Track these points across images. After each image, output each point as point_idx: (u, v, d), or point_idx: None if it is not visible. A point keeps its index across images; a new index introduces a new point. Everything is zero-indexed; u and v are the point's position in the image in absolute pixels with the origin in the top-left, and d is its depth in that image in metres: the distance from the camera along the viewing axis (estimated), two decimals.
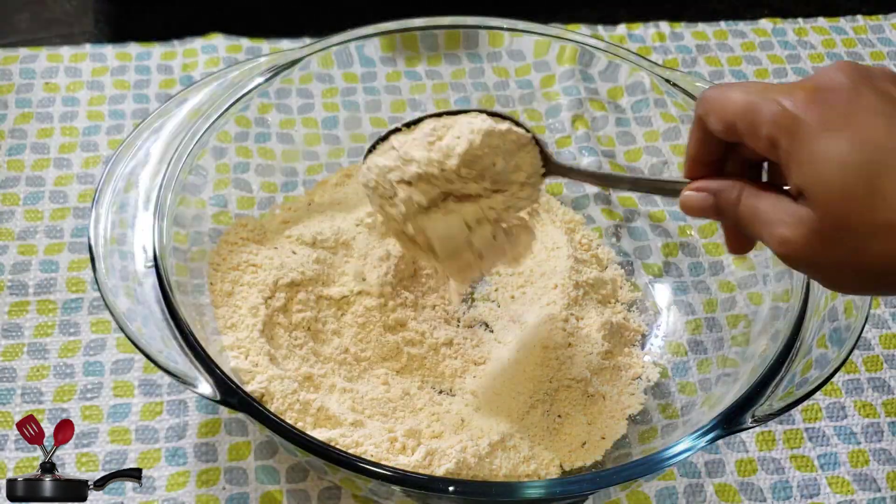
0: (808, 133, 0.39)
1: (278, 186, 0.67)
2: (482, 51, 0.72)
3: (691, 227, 0.68)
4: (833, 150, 0.38)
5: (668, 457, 0.48)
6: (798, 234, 0.40)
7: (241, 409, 0.48)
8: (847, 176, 0.38)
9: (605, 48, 0.68)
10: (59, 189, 0.69)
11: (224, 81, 0.62)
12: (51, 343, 0.60)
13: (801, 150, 0.39)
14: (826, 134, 0.38)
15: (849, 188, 0.38)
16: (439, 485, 0.46)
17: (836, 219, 0.38)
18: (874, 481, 0.57)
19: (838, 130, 0.38)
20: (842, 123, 0.38)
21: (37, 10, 0.86)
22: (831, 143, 0.38)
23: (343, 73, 0.73)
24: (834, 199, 0.38)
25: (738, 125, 0.42)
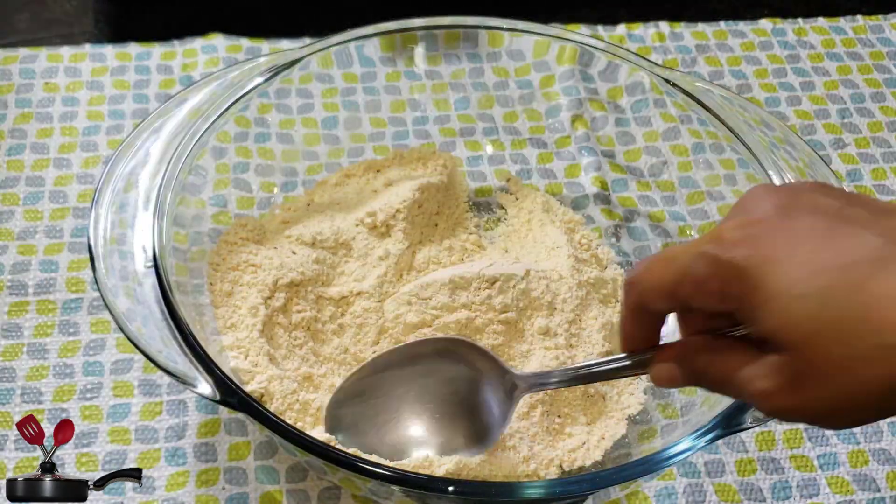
0: (753, 274, 0.35)
1: (278, 186, 0.67)
2: (482, 51, 0.72)
3: (691, 227, 0.68)
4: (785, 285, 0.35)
5: (668, 457, 0.48)
6: (777, 384, 0.36)
7: (240, 409, 0.48)
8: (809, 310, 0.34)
9: (604, 48, 0.68)
10: (58, 189, 0.69)
11: (224, 81, 0.62)
12: (50, 343, 0.60)
13: (753, 295, 0.35)
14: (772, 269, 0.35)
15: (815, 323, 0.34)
16: (439, 485, 0.46)
17: (812, 357, 0.34)
18: (874, 481, 0.57)
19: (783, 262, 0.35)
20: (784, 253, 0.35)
21: (37, 10, 0.86)
22: (781, 278, 0.35)
23: (343, 73, 0.73)
24: (802, 338, 0.34)
25: (679, 295, 0.39)
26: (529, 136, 0.74)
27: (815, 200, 0.37)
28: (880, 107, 0.80)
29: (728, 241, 0.36)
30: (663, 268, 0.39)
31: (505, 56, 0.74)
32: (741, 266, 0.36)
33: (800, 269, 0.34)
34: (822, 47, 0.85)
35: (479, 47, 0.71)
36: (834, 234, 0.35)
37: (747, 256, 0.36)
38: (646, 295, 0.40)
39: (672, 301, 0.40)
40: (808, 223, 0.36)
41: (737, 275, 0.36)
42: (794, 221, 0.36)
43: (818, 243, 0.35)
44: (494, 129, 0.74)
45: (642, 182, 0.71)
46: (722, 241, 0.37)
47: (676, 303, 0.40)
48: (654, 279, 0.40)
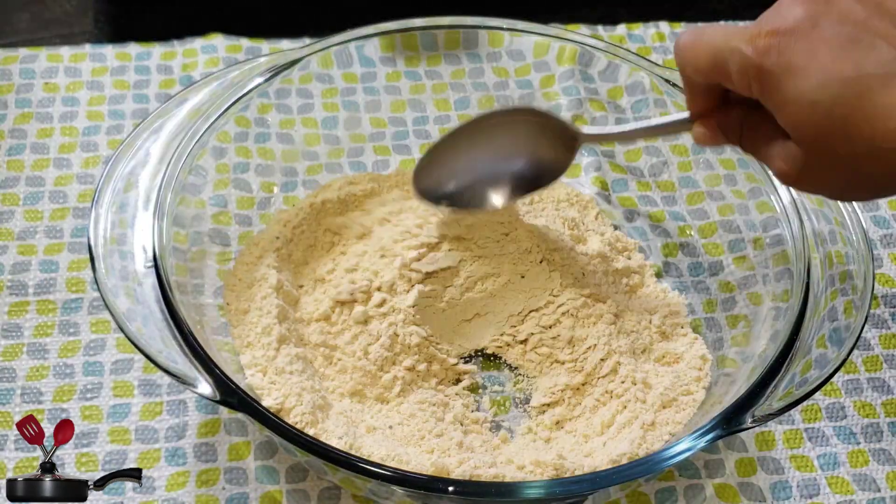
0: (775, 79, 0.40)
1: (278, 186, 0.67)
2: (482, 51, 0.72)
3: (691, 227, 0.68)
4: (800, 92, 0.40)
5: (668, 457, 0.48)
6: (792, 167, 0.42)
7: (240, 409, 0.48)
8: (818, 115, 0.39)
9: (604, 48, 0.68)
10: (58, 189, 0.69)
11: (224, 81, 0.62)
12: (50, 343, 0.60)
13: (773, 96, 0.41)
14: (791, 77, 0.40)
15: (823, 126, 0.39)
16: (439, 485, 0.46)
17: (820, 153, 0.41)
18: (874, 481, 0.57)
19: (802, 71, 0.39)
20: (804, 62, 0.40)
21: (37, 10, 0.86)
22: (798, 85, 0.40)
23: (343, 73, 0.73)
24: (811, 137, 0.40)
25: (711, 75, 0.44)
26: None
27: (845, 9, 0.40)
28: None
29: (759, 47, 0.41)
30: (701, 49, 0.44)
31: (505, 56, 0.74)
32: (766, 70, 0.41)
33: (815, 78, 0.39)
34: None
35: (479, 47, 0.71)
36: (853, 46, 0.39)
37: (773, 63, 0.40)
38: (685, 67, 0.46)
39: (707, 78, 0.45)
40: (832, 33, 0.40)
41: (761, 77, 0.41)
42: (820, 30, 0.40)
43: (836, 54, 0.39)
44: None
45: (642, 182, 0.71)
46: (754, 45, 0.41)
47: (709, 81, 0.45)
48: (692, 57, 0.45)
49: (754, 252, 0.62)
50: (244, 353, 0.56)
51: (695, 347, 0.60)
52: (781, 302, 0.56)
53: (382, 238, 0.62)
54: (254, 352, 0.56)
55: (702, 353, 0.60)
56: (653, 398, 0.56)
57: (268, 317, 0.57)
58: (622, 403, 0.56)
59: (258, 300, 0.58)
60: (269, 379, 0.54)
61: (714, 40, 0.43)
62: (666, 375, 0.58)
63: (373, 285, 0.59)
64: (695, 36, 0.44)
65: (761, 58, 0.41)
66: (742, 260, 0.63)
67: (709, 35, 0.44)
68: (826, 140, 0.40)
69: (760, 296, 0.59)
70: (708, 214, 0.68)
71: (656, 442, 0.54)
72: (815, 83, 0.39)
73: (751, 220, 0.63)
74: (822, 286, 0.54)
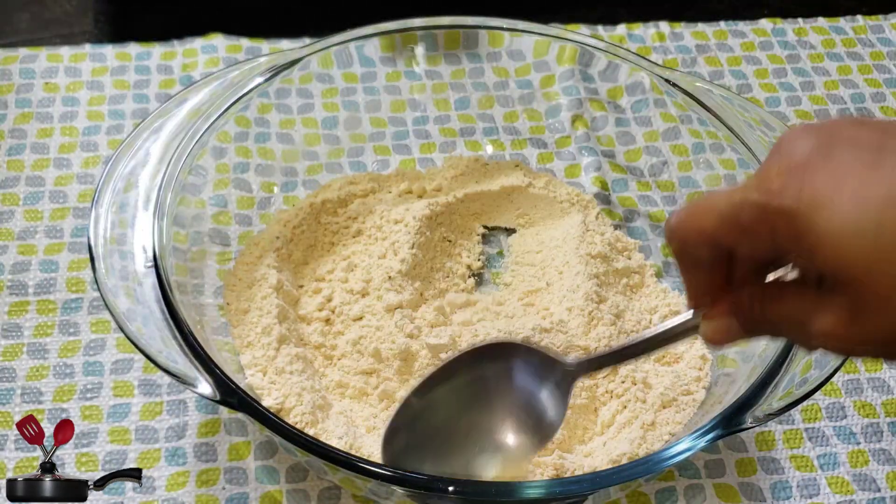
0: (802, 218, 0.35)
1: (278, 186, 0.67)
2: (482, 51, 0.72)
3: None
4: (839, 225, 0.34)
5: (668, 457, 0.48)
6: (839, 319, 0.36)
7: (240, 409, 0.48)
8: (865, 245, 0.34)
9: (604, 48, 0.68)
10: (59, 189, 0.69)
11: (224, 81, 0.62)
12: (50, 343, 0.60)
13: (806, 237, 0.35)
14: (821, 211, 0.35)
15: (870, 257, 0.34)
16: (439, 485, 0.46)
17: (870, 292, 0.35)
18: (874, 481, 0.57)
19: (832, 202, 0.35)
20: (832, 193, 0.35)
21: (37, 10, 0.86)
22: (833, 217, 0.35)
23: (343, 73, 0.73)
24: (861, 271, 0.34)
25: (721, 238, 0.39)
26: (529, 136, 0.74)
27: (854, 135, 0.37)
28: (880, 107, 0.80)
29: (774, 188, 0.36)
30: (703, 216, 0.39)
31: (505, 56, 0.74)
32: (791, 210, 0.35)
33: (850, 205, 0.34)
34: (822, 47, 0.85)
35: (479, 47, 0.71)
36: (879, 166, 0.35)
37: (795, 201, 0.35)
38: (687, 243, 0.40)
39: (714, 249, 0.39)
40: (850, 157, 0.36)
41: (787, 220, 0.36)
42: (837, 158, 0.36)
43: (864, 177, 0.35)
44: (495, 129, 0.74)
45: (642, 182, 0.71)
46: (768, 188, 0.36)
47: (718, 251, 0.39)
48: (694, 227, 0.39)
49: None
50: (244, 353, 0.56)
51: (695, 347, 0.60)
52: None
53: (379, 236, 0.62)
54: (254, 352, 0.56)
55: (702, 352, 0.60)
56: (653, 398, 0.56)
57: (268, 317, 0.57)
58: (622, 403, 0.56)
59: (258, 300, 0.58)
60: (269, 379, 0.54)
61: (717, 202, 0.38)
62: (666, 375, 0.58)
63: (371, 285, 0.59)
64: (689, 208, 0.40)
65: (779, 199, 0.36)
66: None
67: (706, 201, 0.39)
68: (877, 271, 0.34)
69: None
70: None
71: (656, 442, 0.54)
72: (850, 212, 0.34)
73: None
74: None
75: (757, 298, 0.40)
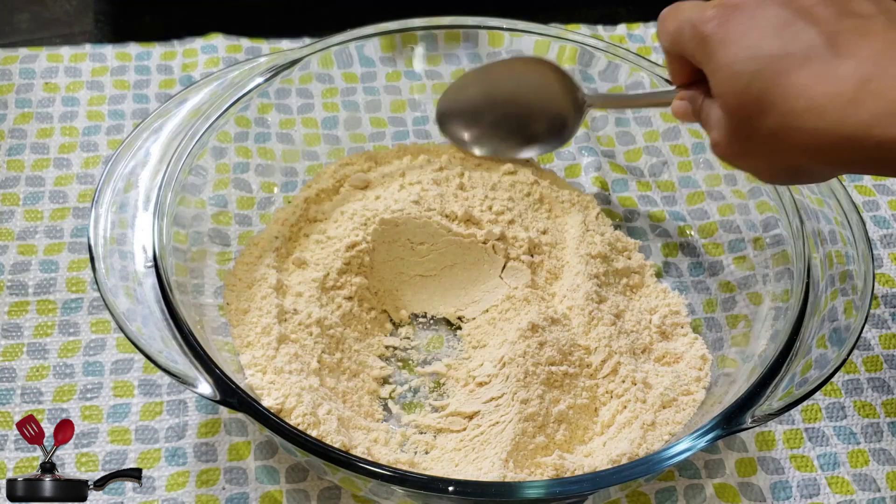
0: (712, 48, 0.44)
1: (278, 186, 0.67)
2: (482, 51, 0.72)
3: (691, 227, 0.68)
4: (728, 62, 0.43)
5: (668, 457, 0.48)
6: (720, 136, 0.45)
7: (241, 409, 0.48)
8: (739, 85, 0.42)
9: (604, 48, 0.68)
10: (59, 189, 0.69)
11: (224, 81, 0.62)
12: (50, 343, 0.60)
13: (708, 62, 0.44)
14: (725, 48, 0.43)
15: (742, 97, 0.42)
16: (439, 485, 0.46)
17: (740, 123, 0.43)
18: (874, 481, 0.57)
19: (735, 44, 0.43)
20: (738, 36, 0.43)
21: (37, 10, 0.86)
22: (728, 55, 0.43)
23: (343, 73, 0.73)
24: (733, 106, 0.43)
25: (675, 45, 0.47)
26: None
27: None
28: None
29: (706, 16, 0.45)
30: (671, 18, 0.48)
31: (505, 56, 0.74)
32: (706, 37, 0.44)
33: (743, 52, 0.42)
34: None
35: (479, 47, 0.71)
36: (786, 27, 0.42)
37: (712, 32, 0.44)
38: (661, 38, 0.49)
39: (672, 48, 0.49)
40: (773, 13, 0.43)
41: (702, 43, 0.44)
42: (763, 11, 0.43)
43: (769, 32, 0.42)
44: None
45: (642, 182, 0.71)
46: (702, 14, 0.45)
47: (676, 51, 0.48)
48: (664, 28, 0.49)
49: (754, 252, 0.62)
50: (244, 353, 0.56)
51: (695, 347, 0.60)
52: (781, 302, 0.56)
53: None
54: (253, 352, 0.56)
55: (702, 353, 0.60)
56: (653, 398, 0.56)
57: (267, 317, 0.57)
58: (622, 403, 0.56)
59: (258, 300, 0.58)
60: (268, 379, 0.54)
61: (681, 10, 0.47)
62: (666, 375, 0.58)
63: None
64: (671, 8, 0.48)
65: (704, 25, 0.44)
66: (742, 260, 0.63)
67: (680, 5, 0.47)
68: (745, 111, 0.42)
69: (760, 296, 0.59)
70: (708, 214, 0.68)
71: (656, 442, 0.54)
72: (742, 56, 0.42)
73: (751, 220, 0.63)
74: (822, 286, 0.54)
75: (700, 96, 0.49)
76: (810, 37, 0.41)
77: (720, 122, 0.45)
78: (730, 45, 0.43)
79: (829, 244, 0.56)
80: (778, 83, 0.41)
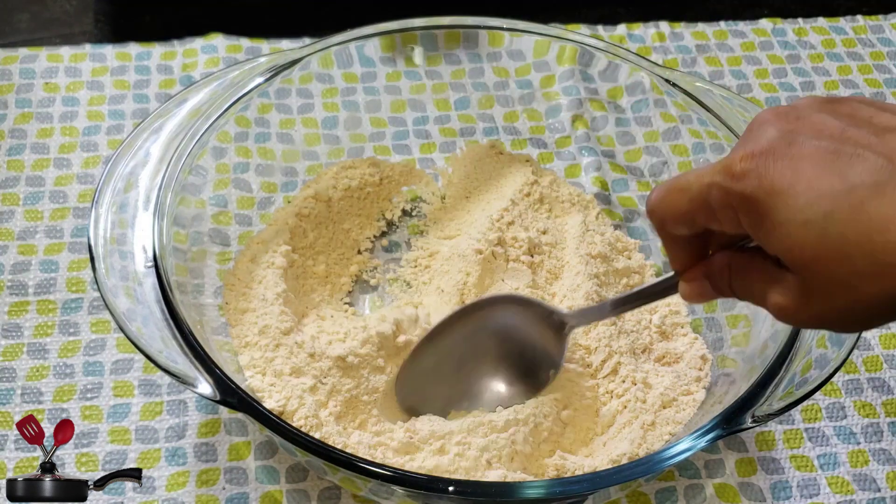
0: (760, 204, 0.38)
1: (278, 186, 0.67)
2: (482, 51, 0.72)
3: None
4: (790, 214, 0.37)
5: (668, 457, 0.48)
6: (789, 299, 0.39)
7: (241, 409, 0.48)
8: (812, 235, 0.36)
9: (604, 48, 0.68)
10: (59, 189, 0.69)
11: (224, 81, 0.62)
12: (51, 343, 0.60)
13: (762, 223, 0.38)
14: (776, 199, 0.37)
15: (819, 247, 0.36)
16: (439, 485, 0.46)
17: (817, 278, 0.37)
18: (874, 481, 0.57)
19: (787, 191, 0.37)
20: (788, 182, 0.37)
21: (37, 10, 0.86)
22: (786, 206, 0.37)
23: (343, 73, 0.73)
24: (808, 261, 0.37)
25: (693, 219, 0.41)
26: (530, 136, 0.74)
27: (819, 123, 0.38)
28: None
29: (737, 173, 0.38)
30: (677, 197, 0.41)
31: (505, 56, 0.74)
32: (750, 196, 0.38)
33: (803, 197, 0.36)
34: (822, 47, 0.85)
35: (479, 47, 0.71)
36: (836, 159, 0.37)
37: (755, 188, 0.38)
38: (665, 223, 0.43)
39: (690, 227, 0.42)
40: (811, 149, 0.37)
41: (746, 205, 0.38)
42: (798, 147, 0.38)
43: (820, 169, 0.37)
44: (495, 129, 0.74)
45: (642, 182, 0.71)
46: (731, 173, 0.38)
47: (695, 228, 0.42)
48: (670, 208, 0.42)
49: None
50: (243, 354, 0.56)
51: (695, 347, 0.60)
52: None
53: None
54: (252, 352, 0.56)
55: (702, 353, 0.60)
56: (653, 398, 0.56)
57: (266, 317, 0.57)
58: (622, 403, 0.56)
59: (257, 300, 0.58)
60: (268, 381, 0.54)
61: (687, 184, 0.41)
62: (666, 375, 0.58)
63: None
64: (664, 188, 0.42)
65: (741, 183, 0.38)
66: None
67: (681, 181, 0.41)
68: (824, 262, 0.36)
69: None
70: None
71: (656, 442, 0.54)
72: (803, 202, 0.36)
73: None
74: None
75: (727, 268, 0.43)
76: (868, 161, 0.36)
77: (786, 286, 0.39)
78: (784, 194, 0.37)
79: None
80: (857, 219, 0.35)
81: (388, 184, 0.69)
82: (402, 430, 0.54)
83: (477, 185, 0.68)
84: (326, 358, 0.55)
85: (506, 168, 0.69)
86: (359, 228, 0.67)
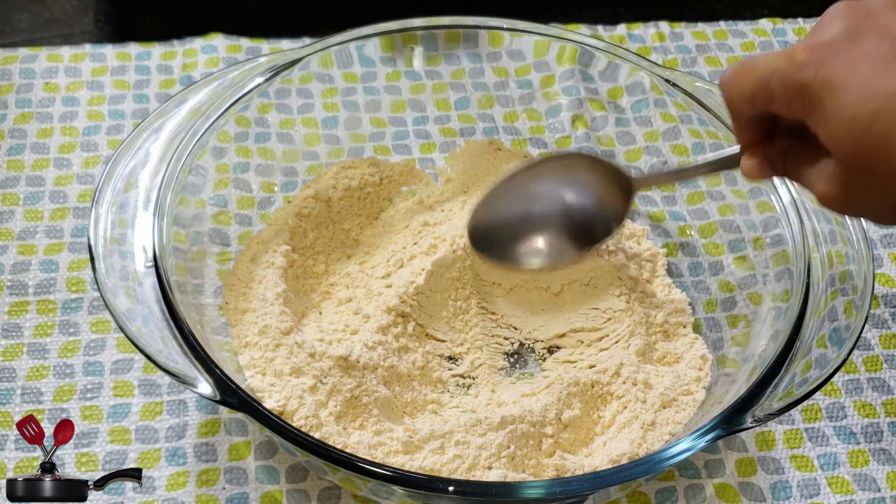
0: (816, 95, 0.39)
1: (278, 186, 0.67)
2: (482, 51, 0.72)
3: (691, 227, 0.68)
4: (840, 108, 0.39)
5: (668, 457, 0.48)
6: (833, 187, 0.41)
7: (241, 409, 0.48)
8: (857, 131, 0.38)
9: (604, 48, 0.68)
10: (59, 189, 0.69)
11: (224, 81, 0.62)
12: (51, 343, 0.60)
13: (814, 112, 0.40)
14: (830, 91, 0.39)
15: (863, 143, 0.38)
16: (439, 485, 0.46)
17: (860, 171, 0.39)
18: (874, 481, 0.57)
19: (841, 85, 0.39)
20: (843, 77, 0.39)
21: (37, 10, 0.86)
22: (837, 100, 0.39)
23: (343, 73, 0.73)
24: (851, 155, 0.39)
25: (757, 100, 0.43)
26: (530, 136, 0.74)
27: (885, 24, 0.39)
28: None
29: (798, 62, 0.40)
30: (745, 77, 0.43)
31: (505, 56, 0.74)
32: (806, 86, 0.40)
33: (855, 93, 0.38)
34: None
35: (479, 47, 0.71)
36: (893, 61, 0.38)
37: (812, 78, 0.39)
38: (732, 100, 0.44)
39: (753, 107, 0.43)
40: (872, 47, 0.39)
41: (801, 94, 0.40)
42: (860, 45, 0.39)
43: (876, 69, 0.38)
44: (495, 129, 0.74)
45: None
46: (793, 61, 0.40)
47: (757, 109, 0.43)
48: (737, 87, 0.43)
49: (754, 252, 0.62)
50: (243, 354, 0.56)
51: (695, 347, 0.60)
52: (781, 302, 0.56)
53: None
54: (252, 352, 0.56)
55: (702, 353, 0.60)
56: (653, 398, 0.56)
57: (266, 317, 0.57)
58: (622, 403, 0.56)
59: (257, 301, 0.58)
60: (268, 381, 0.54)
61: (757, 65, 0.42)
62: (666, 375, 0.58)
63: None
64: (738, 66, 0.44)
65: (800, 73, 0.40)
66: (742, 260, 0.63)
67: (751, 62, 0.43)
68: (866, 158, 0.39)
69: (760, 296, 0.59)
70: (708, 214, 0.68)
71: (656, 442, 0.54)
72: (854, 98, 0.38)
73: (751, 220, 0.63)
74: (822, 286, 0.54)
75: (783, 153, 0.45)
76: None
77: (831, 174, 0.41)
78: (837, 88, 0.39)
79: (829, 244, 0.56)
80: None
81: (388, 184, 0.68)
82: (402, 429, 0.54)
83: (475, 181, 0.68)
84: (327, 358, 0.55)
85: (504, 164, 0.69)
86: (359, 228, 0.67)
